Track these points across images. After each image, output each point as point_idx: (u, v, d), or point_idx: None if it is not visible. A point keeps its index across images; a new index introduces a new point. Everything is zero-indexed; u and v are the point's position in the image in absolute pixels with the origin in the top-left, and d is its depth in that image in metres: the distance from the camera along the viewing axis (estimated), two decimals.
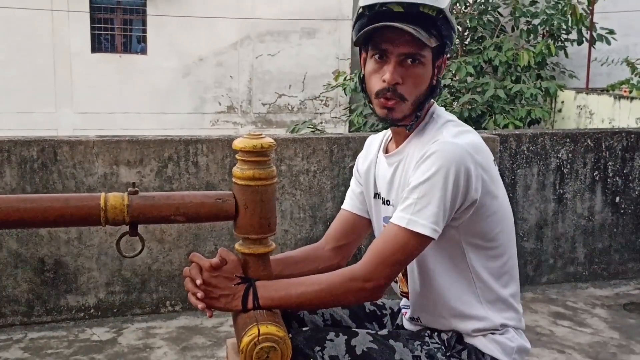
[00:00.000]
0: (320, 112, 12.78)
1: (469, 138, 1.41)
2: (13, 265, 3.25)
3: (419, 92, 1.44)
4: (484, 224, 1.43)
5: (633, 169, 4.11)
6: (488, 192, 1.41)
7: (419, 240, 1.36)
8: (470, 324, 1.48)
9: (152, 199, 1.35)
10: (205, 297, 1.38)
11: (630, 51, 9.32)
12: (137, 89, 12.09)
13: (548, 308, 3.67)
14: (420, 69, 1.43)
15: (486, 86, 7.51)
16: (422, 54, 1.42)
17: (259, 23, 12.36)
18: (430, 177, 1.35)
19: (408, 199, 1.38)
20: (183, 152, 3.39)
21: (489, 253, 1.46)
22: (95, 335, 3.20)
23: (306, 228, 3.58)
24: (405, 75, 1.42)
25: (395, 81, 1.41)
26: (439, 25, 1.42)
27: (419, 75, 1.43)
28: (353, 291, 1.38)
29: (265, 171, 1.36)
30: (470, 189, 1.37)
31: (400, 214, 1.38)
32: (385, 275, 1.38)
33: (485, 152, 1.44)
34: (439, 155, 1.36)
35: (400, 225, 1.37)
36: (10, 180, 3.19)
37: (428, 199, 1.35)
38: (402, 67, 1.42)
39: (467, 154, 1.37)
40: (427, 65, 1.44)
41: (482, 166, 1.39)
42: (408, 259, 1.40)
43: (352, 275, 1.39)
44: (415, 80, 1.43)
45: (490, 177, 1.42)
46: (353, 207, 1.67)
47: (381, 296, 1.42)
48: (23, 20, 11.47)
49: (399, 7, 1.39)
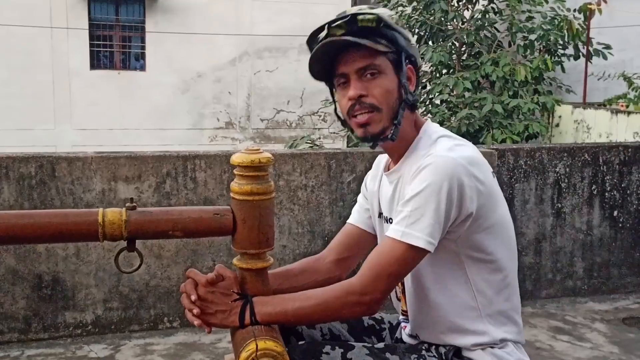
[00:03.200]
0: (318, 127, 12.82)
1: (464, 151, 1.41)
2: (10, 281, 3.24)
3: (389, 100, 1.44)
4: (482, 237, 1.43)
5: (631, 182, 4.11)
6: (484, 205, 1.41)
7: (414, 252, 1.36)
8: (470, 339, 1.47)
9: (150, 214, 1.35)
10: (202, 313, 1.37)
11: (626, 66, 9.37)
12: (136, 105, 12.13)
13: (547, 323, 3.65)
14: (382, 78, 1.44)
15: (484, 101, 7.54)
16: (377, 64, 1.43)
17: (258, 39, 12.43)
18: (423, 189, 1.35)
19: (402, 212, 1.38)
20: (181, 168, 3.39)
21: (489, 266, 1.45)
22: (92, 352, 3.18)
23: (304, 243, 3.57)
24: (368, 87, 1.43)
25: (358, 94, 1.43)
26: (383, 32, 1.43)
27: (382, 85, 1.44)
28: (350, 305, 1.38)
29: (263, 186, 1.36)
30: (464, 202, 1.37)
31: (395, 227, 1.38)
32: (382, 289, 1.38)
33: (482, 164, 1.43)
34: (432, 167, 1.36)
35: (395, 238, 1.37)
36: (8, 197, 3.19)
37: (422, 211, 1.35)
38: (362, 81, 1.43)
39: (461, 166, 1.37)
40: (387, 74, 1.44)
41: (477, 178, 1.39)
42: (404, 271, 1.40)
43: (349, 289, 1.38)
44: (380, 89, 1.43)
45: (487, 189, 1.42)
46: (359, 222, 1.67)
47: (378, 310, 1.41)
48: (22, 38, 11.53)
49: (339, 29, 1.41)
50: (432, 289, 1.47)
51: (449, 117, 7.76)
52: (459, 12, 8.39)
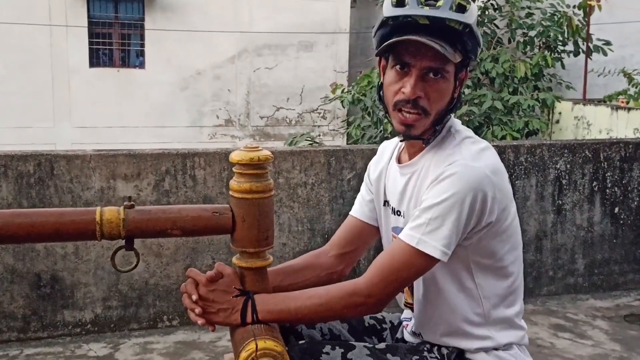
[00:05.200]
0: (318, 124, 12.79)
1: (488, 159, 1.39)
2: (9, 280, 3.23)
3: (440, 106, 1.41)
4: (494, 242, 1.41)
5: (632, 179, 4.10)
6: (502, 212, 1.39)
7: (427, 261, 1.34)
8: (473, 343, 1.46)
9: (148, 213, 1.34)
10: (204, 312, 1.36)
11: (626, 62, 9.35)
12: (136, 103, 12.10)
13: (548, 320, 3.64)
14: (443, 84, 1.39)
15: (483, 98, 7.52)
16: (446, 69, 1.38)
17: (257, 37, 12.40)
18: (446, 199, 1.32)
19: (420, 218, 1.35)
20: (180, 166, 3.38)
21: (497, 273, 1.44)
22: (92, 351, 3.17)
23: (304, 241, 3.56)
24: (427, 90, 1.38)
25: (416, 95, 1.37)
26: (464, 39, 1.38)
27: (441, 90, 1.39)
28: (354, 306, 1.36)
29: (262, 184, 1.35)
30: (485, 213, 1.35)
31: (410, 232, 1.35)
32: (388, 292, 1.36)
33: (502, 171, 1.42)
34: (458, 177, 1.33)
35: (409, 244, 1.34)
36: (6, 195, 3.17)
37: (441, 220, 1.32)
38: (424, 81, 1.38)
39: (486, 177, 1.34)
40: (449, 80, 1.40)
41: (498, 188, 1.37)
42: (413, 278, 1.39)
43: (354, 290, 1.37)
44: (437, 94, 1.39)
45: (505, 196, 1.40)
46: (361, 214, 1.64)
47: (382, 310, 1.40)
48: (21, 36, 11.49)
49: (424, 19, 1.35)
50: (439, 292, 1.45)
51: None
52: None
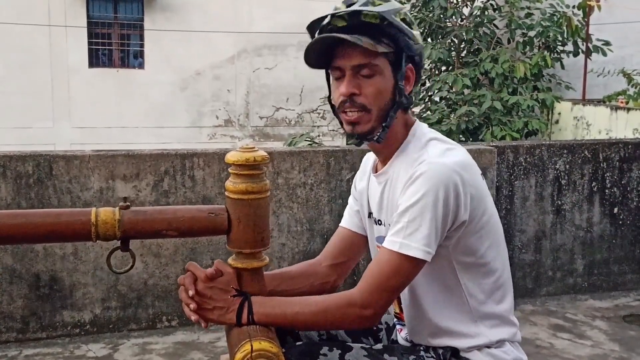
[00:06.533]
0: (317, 125, 12.80)
1: (456, 155, 1.39)
2: (8, 281, 3.23)
3: (380, 102, 1.41)
4: (473, 240, 1.41)
5: (631, 179, 4.10)
6: (476, 208, 1.39)
7: (412, 263, 1.35)
8: (465, 342, 1.46)
9: (144, 213, 1.34)
10: (199, 308, 1.36)
11: (626, 62, 9.35)
12: (135, 103, 12.11)
13: (547, 320, 3.64)
14: (377, 79, 1.40)
15: (483, 98, 7.52)
16: (375, 63, 1.39)
17: (256, 37, 12.41)
18: (419, 199, 1.33)
19: (399, 223, 1.36)
20: (179, 166, 3.37)
21: (481, 270, 1.44)
22: (91, 352, 3.17)
23: (303, 241, 3.55)
24: (362, 86, 1.40)
25: (350, 92, 1.40)
26: (387, 32, 1.39)
27: (376, 85, 1.40)
28: (350, 317, 1.36)
29: (258, 185, 1.35)
30: (460, 208, 1.36)
31: (391, 238, 1.36)
32: (383, 303, 1.36)
33: (473, 168, 1.42)
34: (427, 176, 1.34)
35: (392, 250, 1.35)
36: (5, 195, 3.17)
37: (419, 221, 1.33)
38: (357, 79, 1.40)
39: (455, 173, 1.35)
40: (384, 75, 1.41)
41: (470, 184, 1.38)
42: (404, 283, 1.38)
43: (349, 301, 1.37)
44: (372, 89, 1.40)
45: (478, 192, 1.40)
46: (351, 224, 1.64)
47: (377, 322, 1.40)
48: (21, 36, 11.50)
49: (341, 20, 1.38)
50: (425, 295, 1.46)
51: (448, 114, 7.74)
52: (458, 9, 8.37)
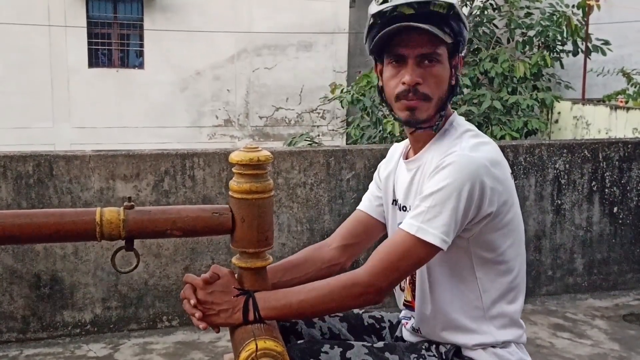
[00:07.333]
0: (317, 125, 12.79)
1: (487, 151, 1.40)
2: (9, 281, 3.23)
3: (441, 91, 1.43)
4: (495, 237, 1.41)
5: (630, 179, 4.10)
6: (502, 205, 1.40)
7: (427, 249, 1.35)
8: (472, 339, 1.46)
9: (148, 213, 1.34)
10: (205, 315, 1.36)
11: (625, 61, 9.35)
12: (135, 103, 12.09)
13: (548, 320, 3.65)
14: (439, 68, 1.42)
15: (482, 98, 7.52)
16: (439, 53, 1.41)
17: (256, 37, 12.40)
18: (444, 187, 1.34)
19: (419, 207, 1.36)
20: (180, 166, 3.38)
21: (498, 268, 1.44)
22: (91, 352, 3.17)
23: (303, 241, 3.56)
24: (424, 75, 1.41)
25: (415, 82, 1.40)
26: (451, 22, 1.42)
27: (438, 74, 1.42)
28: (355, 296, 1.36)
29: (262, 184, 1.35)
30: (484, 203, 1.35)
31: (410, 221, 1.36)
32: (389, 282, 1.36)
33: (503, 164, 1.42)
34: (456, 167, 1.34)
35: (409, 232, 1.35)
36: (6, 196, 3.17)
37: (440, 208, 1.33)
38: (420, 67, 1.41)
39: (484, 167, 1.35)
40: (444, 64, 1.43)
41: (498, 179, 1.38)
42: (414, 267, 1.39)
43: (354, 280, 1.37)
44: (435, 79, 1.42)
45: (506, 189, 1.41)
46: (370, 209, 1.65)
47: (382, 301, 1.39)
48: (20, 36, 11.49)
49: (409, 9, 1.38)
50: (439, 284, 1.46)
51: None
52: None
